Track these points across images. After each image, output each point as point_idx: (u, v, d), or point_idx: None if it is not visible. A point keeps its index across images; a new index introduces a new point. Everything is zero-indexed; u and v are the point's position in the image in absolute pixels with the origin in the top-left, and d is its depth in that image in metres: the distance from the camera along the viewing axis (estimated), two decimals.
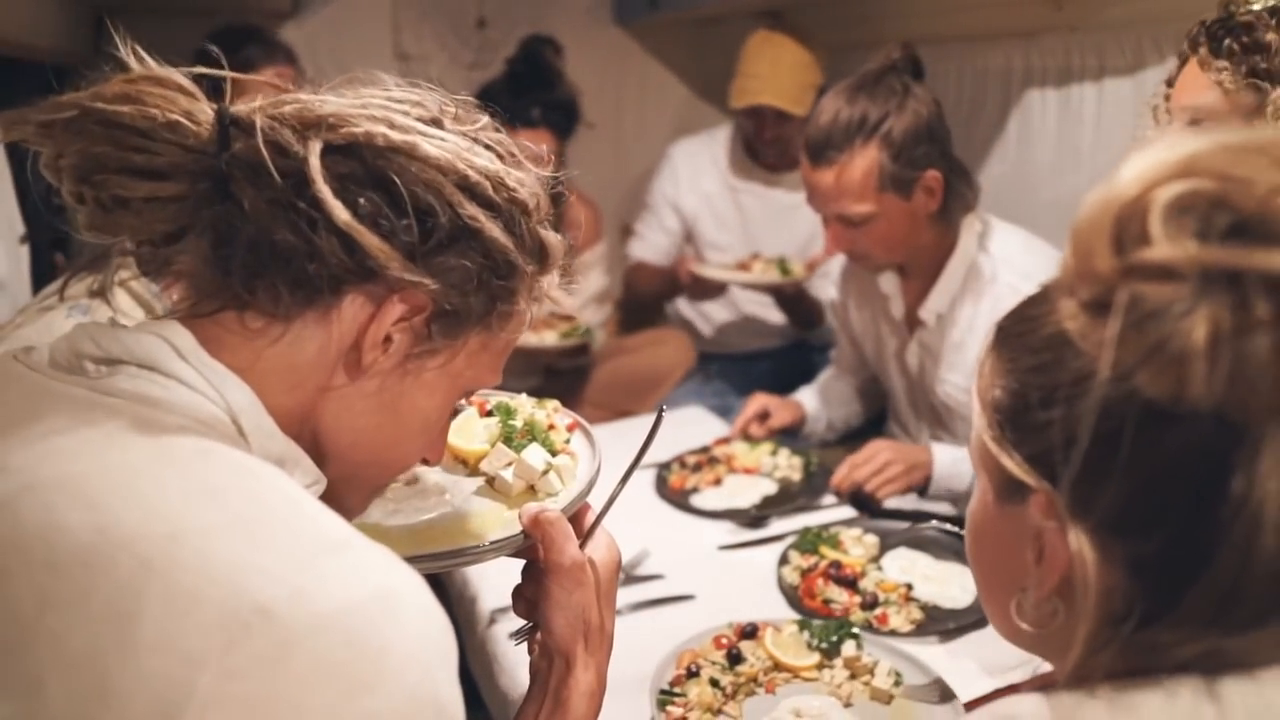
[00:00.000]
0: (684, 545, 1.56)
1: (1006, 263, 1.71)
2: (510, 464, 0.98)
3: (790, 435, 2.02)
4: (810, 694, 1.15)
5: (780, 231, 2.67)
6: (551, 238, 0.76)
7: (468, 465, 1.04)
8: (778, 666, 1.19)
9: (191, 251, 0.67)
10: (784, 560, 1.47)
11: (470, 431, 1.07)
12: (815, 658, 1.20)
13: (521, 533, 0.87)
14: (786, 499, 1.69)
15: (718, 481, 1.77)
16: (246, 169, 0.64)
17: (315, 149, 0.64)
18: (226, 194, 0.64)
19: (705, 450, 1.87)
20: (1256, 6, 1.17)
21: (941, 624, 1.30)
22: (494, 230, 0.69)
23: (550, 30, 2.52)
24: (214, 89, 0.69)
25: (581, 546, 0.86)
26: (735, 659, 1.19)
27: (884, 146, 1.61)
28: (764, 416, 1.96)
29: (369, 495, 0.82)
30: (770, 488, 1.73)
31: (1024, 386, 0.55)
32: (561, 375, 2.61)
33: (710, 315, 2.81)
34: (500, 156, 0.73)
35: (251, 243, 0.65)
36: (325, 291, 0.66)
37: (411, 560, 0.90)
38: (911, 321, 1.84)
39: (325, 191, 0.63)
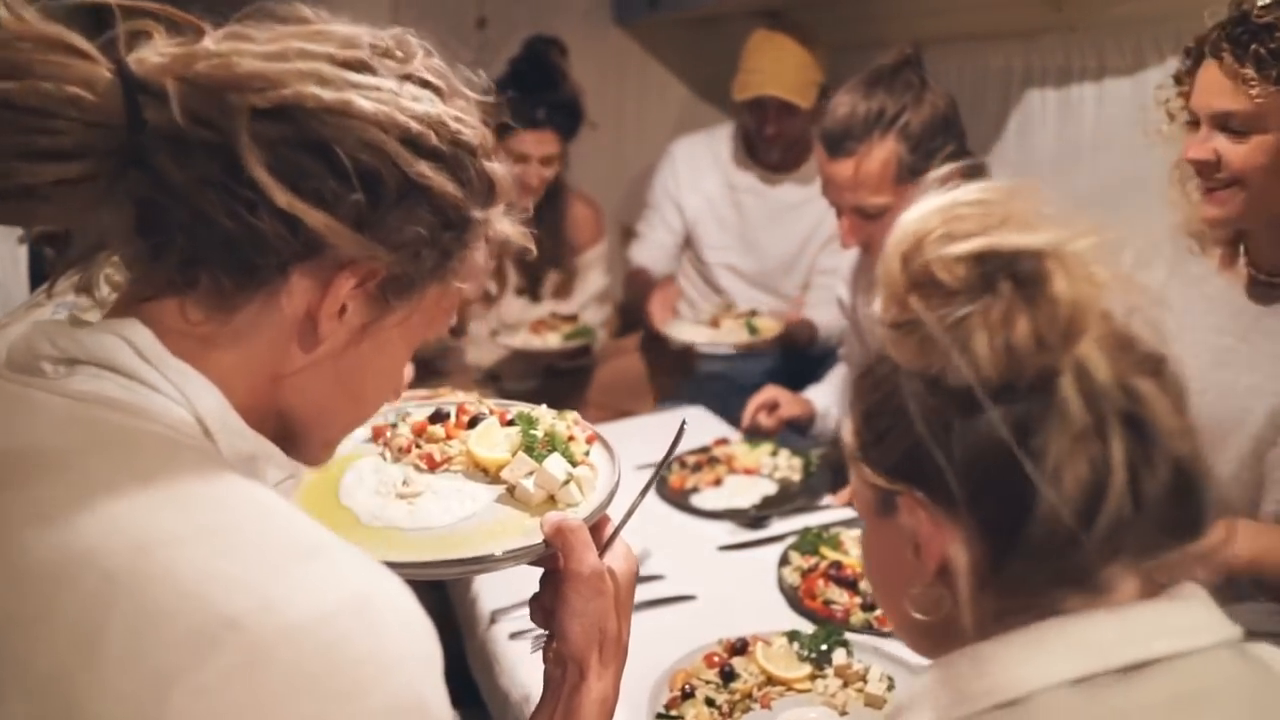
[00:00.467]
0: (684, 545, 1.56)
1: None
2: (531, 473, 0.99)
3: (799, 432, 2.02)
4: (806, 706, 1.15)
5: (778, 232, 2.66)
6: (498, 171, 0.71)
7: (488, 473, 1.04)
8: (770, 680, 1.19)
9: (118, 237, 0.62)
10: (784, 561, 1.47)
11: (491, 439, 1.07)
12: (807, 669, 1.19)
13: (542, 542, 0.87)
14: (786, 499, 1.69)
15: (718, 482, 1.77)
16: (166, 144, 0.58)
17: (243, 120, 0.58)
18: (147, 169, 0.59)
19: (705, 450, 1.87)
20: (1264, 1, 1.17)
21: None
22: (443, 183, 0.64)
23: (550, 30, 2.52)
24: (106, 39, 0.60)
25: (600, 556, 0.86)
26: (729, 676, 1.18)
27: (902, 139, 1.63)
28: (773, 407, 1.95)
29: (334, 446, 0.79)
30: (770, 488, 1.73)
31: (869, 412, 0.66)
32: (562, 375, 2.61)
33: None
34: (439, 92, 0.67)
35: (185, 228, 0.60)
36: (272, 276, 0.62)
37: (430, 566, 0.92)
38: None
39: (261, 172, 0.58)
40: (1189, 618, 0.60)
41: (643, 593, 1.39)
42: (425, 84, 0.66)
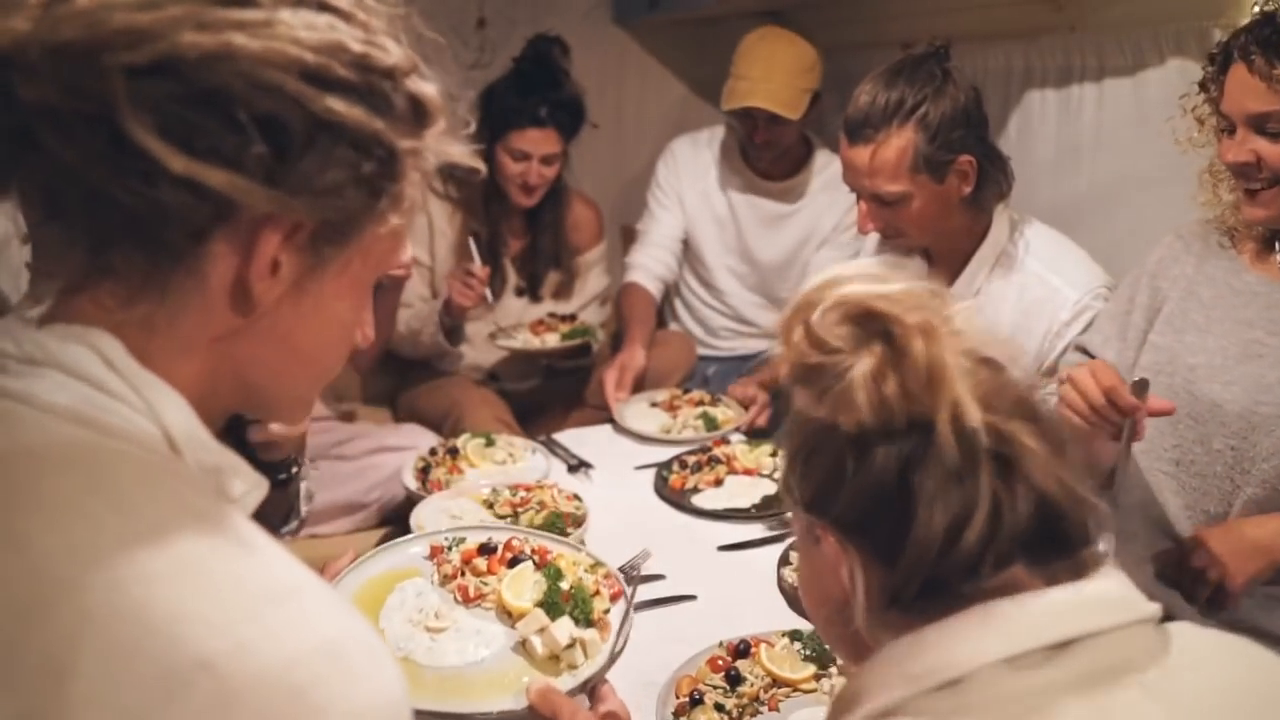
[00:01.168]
0: (684, 545, 1.56)
1: (1036, 254, 1.76)
2: (541, 630, 1.04)
3: None
4: (814, 705, 1.15)
5: (771, 238, 2.65)
6: (426, 91, 0.64)
7: (512, 617, 1.10)
8: (776, 682, 1.18)
9: (33, 226, 0.59)
10: (784, 560, 1.47)
11: (521, 587, 1.14)
12: (811, 668, 1.19)
13: (529, 705, 0.94)
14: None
15: (718, 482, 1.77)
16: (47, 121, 0.53)
17: (119, 83, 0.52)
18: (39, 150, 0.54)
19: (706, 450, 1.87)
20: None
21: None
22: (357, 116, 0.58)
23: (550, 29, 2.51)
24: None
25: (592, 707, 0.91)
26: (735, 680, 1.18)
27: (920, 129, 1.65)
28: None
29: (311, 401, 0.76)
30: (770, 488, 1.73)
31: (792, 453, 0.74)
32: (561, 376, 2.61)
33: (706, 318, 2.81)
34: (340, 14, 0.60)
35: (85, 209, 0.56)
36: (188, 247, 0.57)
37: (426, 715, 0.98)
38: None
39: (149, 139, 0.52)
40: (1108, 598, 0.67)
41: (643, 593, 1.39)
42: (322, 6, 0.59)
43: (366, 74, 0.59)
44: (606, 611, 1.11)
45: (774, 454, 1.83)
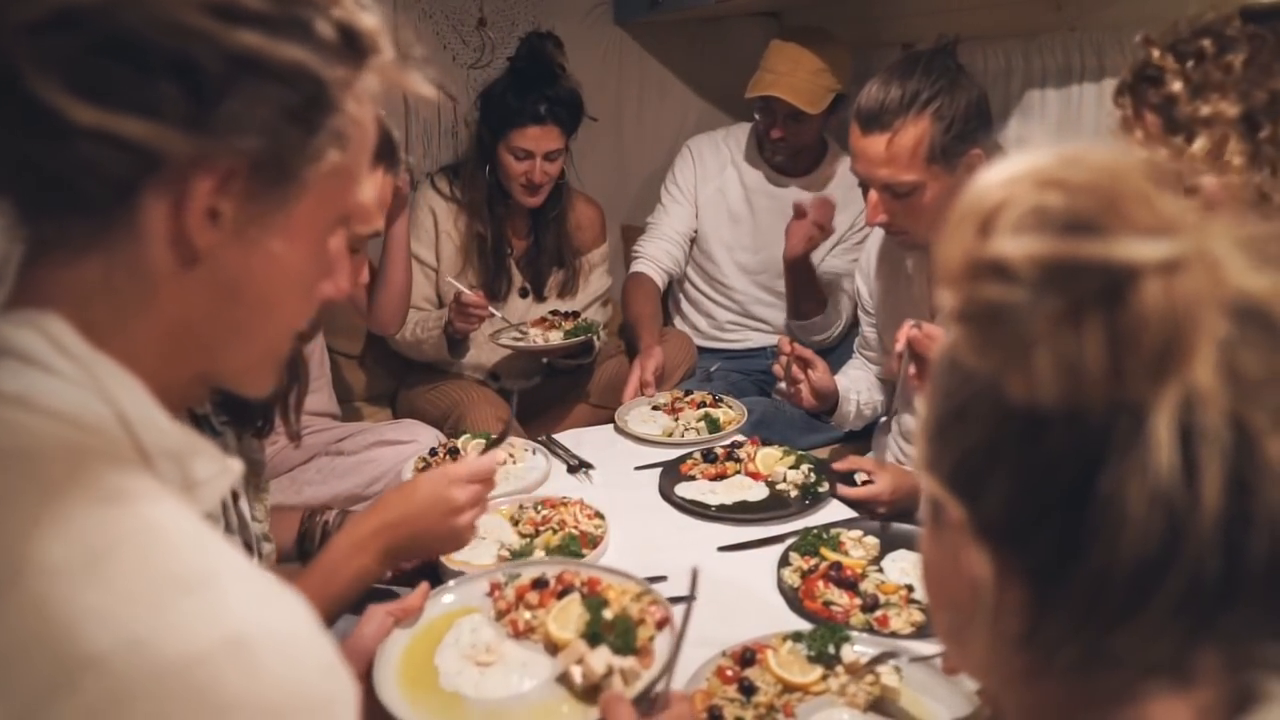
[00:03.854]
0: (684, 546, 1.56)
1: None
2: (580, 660, 1.05)
3: (817, 417, 2.00)
4: (829, 707, 1.14)
5: (783, 235, 2.68)
6: (362, 20, 0.62)
7: (557, 650, 1.11)
8: (787, 688, 1.17)
9: None
10: (784, 562, 1.47)
11: (567, 618, 1.15)
12: (819, 670, 1.18)
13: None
14: (763, 508, 1.67)
15: (719, 476, 1.76)
16: None
17: (20, 41, 0.51)
18: None
19: (738, 445, 1.85)
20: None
21: None
22: (274, 49, 0.55)
23: (550, 29, 2.51)
24: None
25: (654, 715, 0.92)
26: (748, 690, 1.16)
27: (936, 119, 1.67)
28: (805, 366, 1.89)
29: (276, 365, 0.72)
30: (761, 493, 1.71)
31: (938, 405, 0.55)
32: (562, 375, 2.61)
33: (711, 312, 2.82)
34: None
35: (9, 179, 0.55)
36: (116, 203, 0.55)
37: None
38: (934, 304, 1.85)
39: (56, 94, 0.51)
40: None
41: None
42: None
43: (281, 3, 0.57)
44: (651, 639, 1.12)
45: (795, 465, 1.76)
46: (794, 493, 1.70)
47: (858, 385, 2.09)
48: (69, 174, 0.54)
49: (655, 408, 2.15)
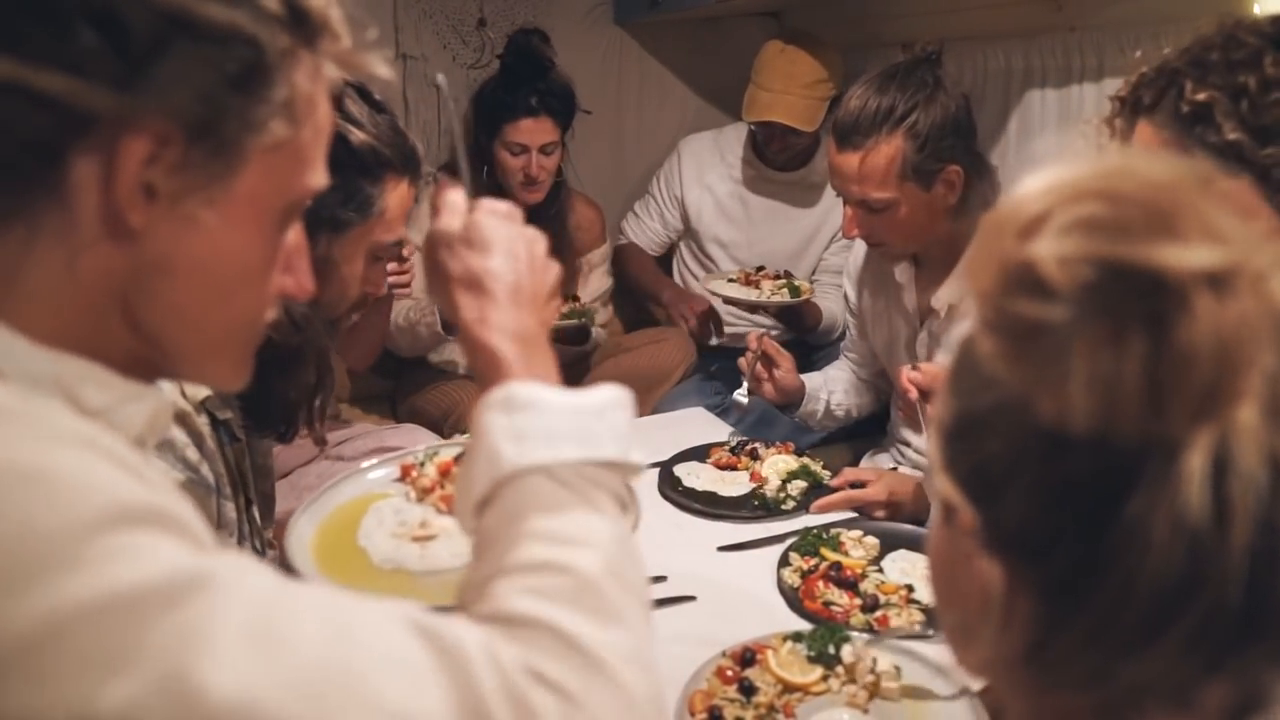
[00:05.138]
0: (684, 546, 1.56)
1: None
2: None
3: (783, 411, 2.01)
4: (829, 708, 1.14)
5: (784, 229, 2.70)
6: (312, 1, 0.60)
7: None
8: (787, 688, 1.17)
9: None
10: (784, 562, 1.47)
11: None
12: (819, 670, 1.18)
13: None
14: (737, 505, 1.68)
15: (720, 465, 1.78)
16: None
17: None
18: None
19: (761, 443, 1.86)
20: None
21: None
22: (207, 8, 0.54)
23: (550, 29, 2.52)
24: None
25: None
26: (748, 691, 1.16)
27: (909, 137, 1.66)
28: (770, 364, 1.92)
29: (238, 358, 0.68)
30: (740, 490, 1.71)
31: (958, 406, 0.54)
32: (560, 368, 2.60)
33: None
34: None
35: None
36: (42, 166, 0.53)
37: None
38: (924, 312, 1.86)
39: None
40: None
41: None
42: None
43: None
44: None
45: (792, 471, 1.73)
46: (783, 501, 1.67)
47: (832, 385, 2.09)
48: None
49: (731, 280, 2.43)
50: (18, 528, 0.46)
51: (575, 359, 2.56)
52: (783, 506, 1.66)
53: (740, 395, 1.94)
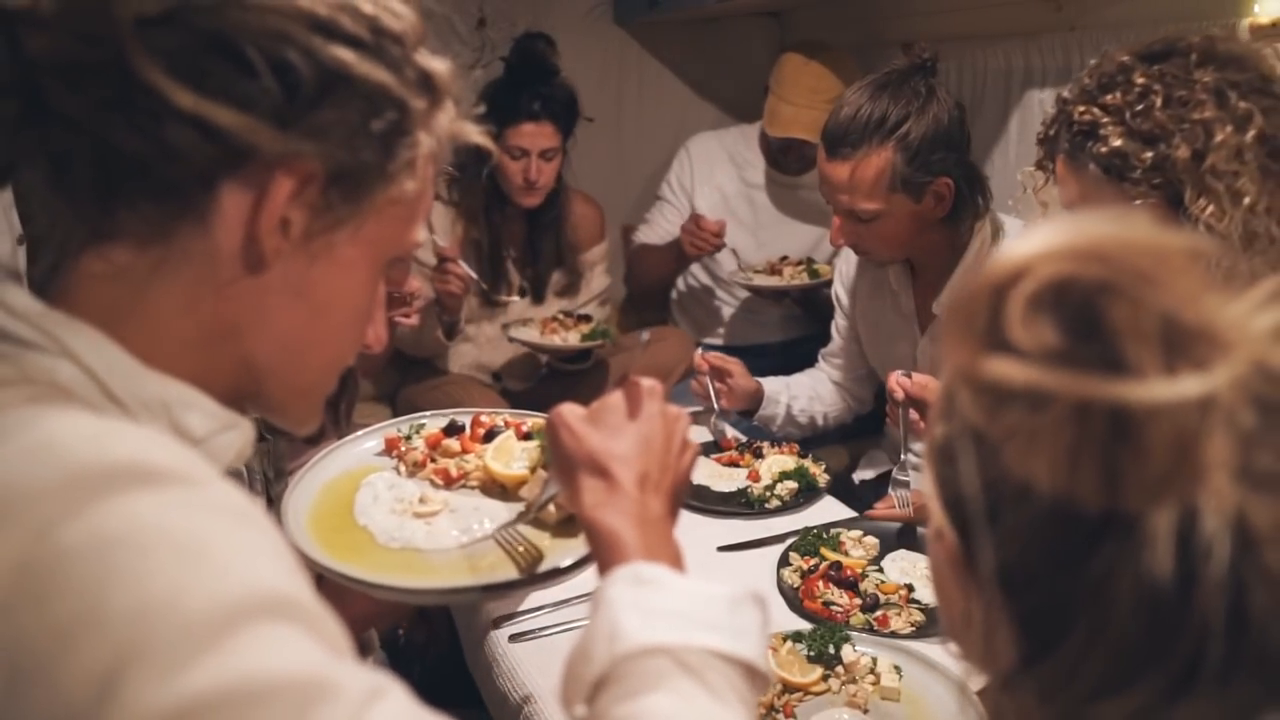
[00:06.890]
0: (684, 546, 1.56)
1: None
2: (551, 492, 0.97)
3: (745, 415, 2.02)
4: (829, 708, 1.14)
5: (793, 229, 2.71)
6: (436, 65, 0.65)
7: (505, 489, 1.03)
8: (787, 688, 1.17)
9: (35, 190, 0.58)
10: (784, 562, 1.47)
11: (509, 454, 1.06)
12: (818, 670, 1.18)
13: (564, 566, 0.88)
14: (722, 499, 1.69)
15: (733, 464, 1.79)
16: (56, 73, 0.54)
17: (128, 27, 0.53)
18: (44, 109, 0.54)
19: (765, 443, 1.86)
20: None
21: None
22: (366, 69, 0.59)
23: (550, 29, 2.51)
24: None
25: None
26: None
27: (899, 149, 1.64)
28: (725, 375, 1.92)
29: (318, 400, 0.72)
30: (730, 487, 1.72)
31: (941, 430, 0.55)
32: (561, 377, 2.60)
33: (715, 309, 2.82)
34: None
35: (94, 159, 0.56)
36: (196, 192, 0.57)
37: (454, 592, 0.92)
38: (924, 318, 1.85)
39: (158, 77, 0.53)
40: None
41: None
42: None
43: (376, 35, 0.60)
44: None
45: (787, 474, 1.73)
46: (770, 501, 1.68)
47: (795, 390, 2.06)
48: (155, 157, 0.55)
49: (757, 270, 2.57)
50: (167, 599, 0.47)
51: (579, 370, 2.56)
52: (766, 505, 1.66)
53: (718, 420, 1.94)
